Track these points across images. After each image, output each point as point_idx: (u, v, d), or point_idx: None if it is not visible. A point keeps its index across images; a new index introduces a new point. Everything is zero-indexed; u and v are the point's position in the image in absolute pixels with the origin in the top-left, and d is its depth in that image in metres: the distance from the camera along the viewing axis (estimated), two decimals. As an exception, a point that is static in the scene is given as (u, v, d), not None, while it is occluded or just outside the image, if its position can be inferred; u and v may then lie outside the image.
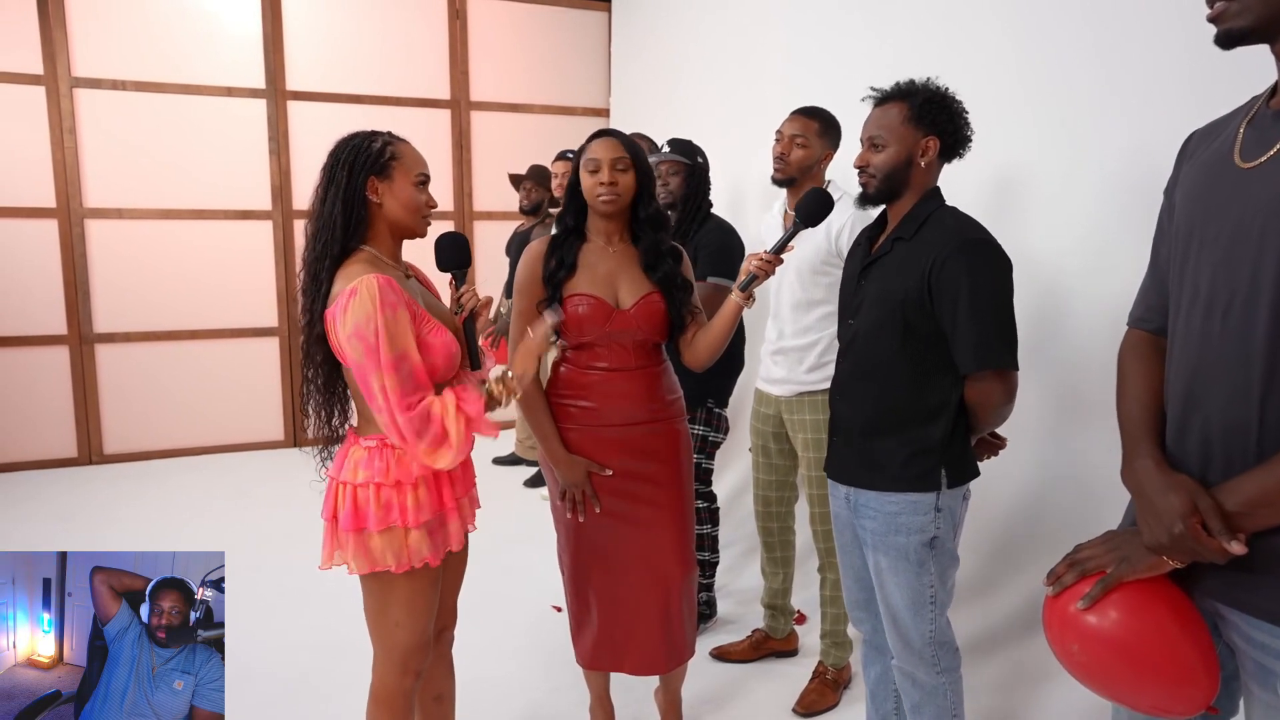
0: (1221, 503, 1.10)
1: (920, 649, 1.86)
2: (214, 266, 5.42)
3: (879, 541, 1.84)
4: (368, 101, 5.67)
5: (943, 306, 1.72)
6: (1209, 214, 1.17)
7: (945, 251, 1.71)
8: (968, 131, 1.84)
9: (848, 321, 1.92)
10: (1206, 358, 1.17)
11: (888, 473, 1.81)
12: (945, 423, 1.78)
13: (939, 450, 1.78)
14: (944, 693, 1.88)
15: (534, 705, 2.64)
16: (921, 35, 3.13)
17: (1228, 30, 1.11)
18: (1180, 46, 2.16)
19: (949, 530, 1.82)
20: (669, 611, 2.18)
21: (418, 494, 1.73)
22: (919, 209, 1.82)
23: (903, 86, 1.83)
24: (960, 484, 1.81)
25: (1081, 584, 1.22)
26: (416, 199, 1.78)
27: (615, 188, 2.04)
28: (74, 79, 5.01)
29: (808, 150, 2.53)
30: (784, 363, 2.65)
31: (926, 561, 1.81)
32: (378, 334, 1.62)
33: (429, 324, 1.74)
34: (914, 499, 1.79)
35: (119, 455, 5.35)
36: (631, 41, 5.97)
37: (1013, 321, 1.74)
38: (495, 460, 5.28)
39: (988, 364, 1.71)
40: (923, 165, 1.81)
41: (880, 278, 1.83)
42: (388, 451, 1.73)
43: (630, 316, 2.08)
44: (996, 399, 1.75)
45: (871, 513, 1.85)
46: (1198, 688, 1.15)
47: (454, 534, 1.82)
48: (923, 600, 1.83)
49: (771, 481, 2.82)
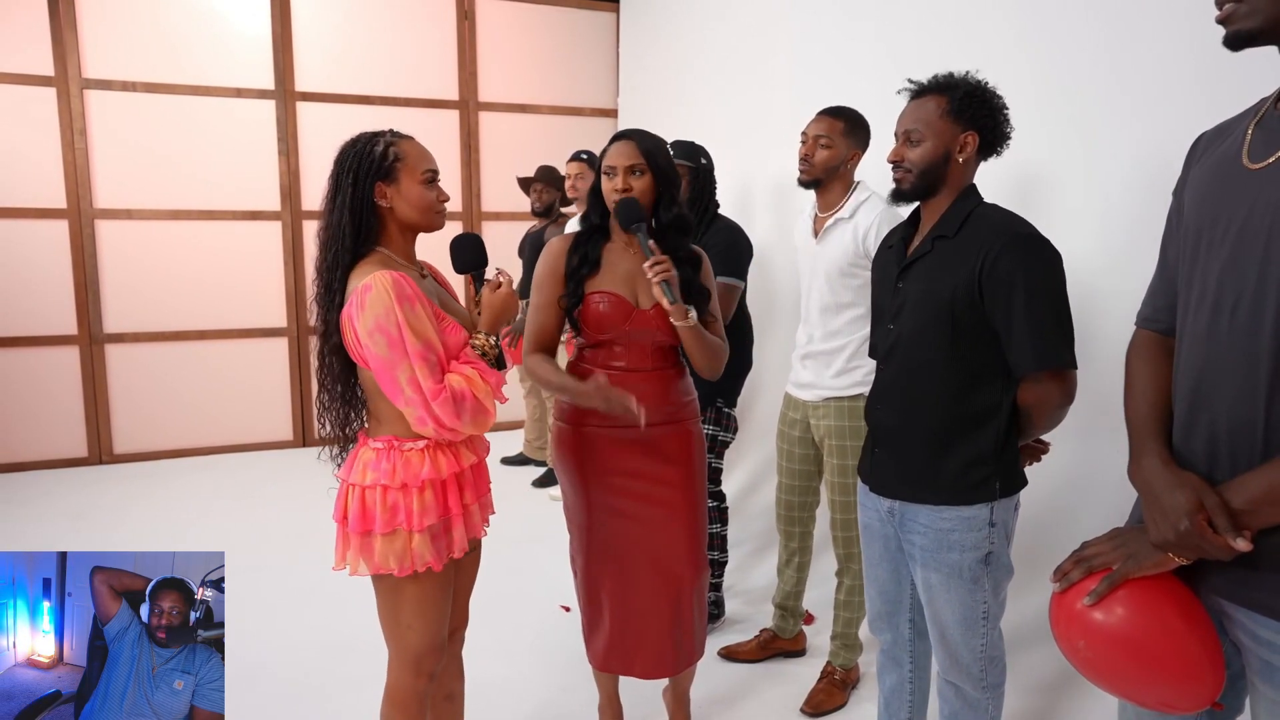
0: (1228, 500, 1.11)
1: (969, 664, 1.78)
2: (223, 267, 5.45)
3: (929, 558, 1.75)
4: (376, 102, 5.69)
5: (996, 304, 1.63)
6: (1217, 214, 1.17)
7: (997, 247, 1.62)
8: (1008, 128, 1.76)
9: (887, 326, 1.83)
10: (1214, 357, 1.17)
11: (938, 485, 1.72)
12: (997, 428, 1.69)
13: (993, 459, 1.69)
14: (986, 707, 1.81)
15: (543, 705, 2.65)
16: (928, 35, 3.13)
17: (1236, 32, 1.11)
18: (1190, 48, 2.15)
19: (1003, 544, 1.74)
20: (680, 613, 2.18)
21: (423, 497, 1.72)
22: (959, 206, 1.74)
23: (941, 79, 1.75)
24: (1013, 493, 1.74)
25: (1088, 580, 1.22)
26: (425, 197, 1.77)
27: (629, 194, 2.03)
28: (84, 80, 5.04)
29: (832, 150, 2.48)
30: (812, 366, 2.62)
31: (981, 579, 1.73)
32: (400, 326, 1.63)
33: (445, 321, 1.74)
34: (967, 515, 1.71)
35: (129, 455, 5.38)
36: (640, 42, 5.97)
37: (1070, 318, 1.65)
38: (504, 460, 5.28)
39: (1047, 364, 1.62)
40: (960, 161, 1.73)
41: (923, 278, 1.73)
42: (395, 454, 1.73)
43: (649, 317, 2.07)
44: (1055, 400, 1.66)
45: (921, 528, 1.76)
46: (1203, 684, 1.15)
47: (458, 540, 1.80)
48: (975, 617, 1.75)
49: (795, 486, 2.79)
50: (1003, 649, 1.83)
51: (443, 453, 1.77)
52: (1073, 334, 1.66)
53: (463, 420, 1.68)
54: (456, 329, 1.76)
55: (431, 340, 1.67)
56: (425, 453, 1.74)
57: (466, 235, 1.88)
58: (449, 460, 1.77)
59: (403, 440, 1.74)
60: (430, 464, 1.74)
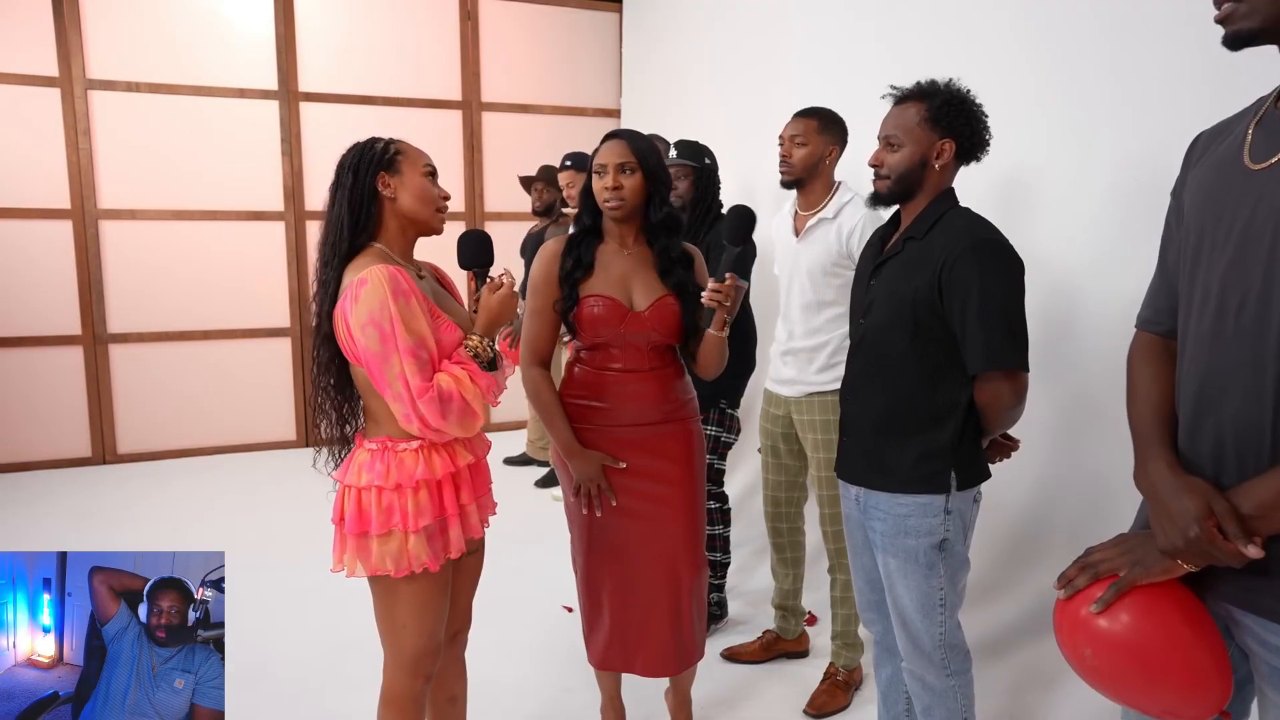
0: (1237, 505, 1.09)
1: (930, 651, 1.84)
2: (227, 267, 5.45)
3: (888, 543, 1.82)
4: (379, 103, 5.69)
5: (953, 306, 1.70)
6: (1219, 215, 1.16)
7: (956, 251, 1.69)
8: (986, 135, 1.81)
9: (858, 321, 1.90)
10: (1218, 359, 1.15)
11: (897, 474, 1.79)
12: (955, 424, 1.75)
13: (949, 452, 1.75)
14: (954, 695, 1.86)
15: (545, 705, 2.64)
16: (931, 36, 3.12)
17: (1236, 31, 1.10)
18: (1188, 48, 2.15)
19: (959, 533, 1.80)
20: (679, 612, 2.19)
21: (418, 498, 1.72)
22: (932, 209, 1.79)
23: (923, 86, 1.80)
24: (970, 486, 1.79)
25: (1093, 587, 1.21)
26: (428, 187, 1.78)
27: (620, 192, 2.04)
28: (89, 81, 5.04)
29: (809, 148, 2.53)
30: (794, 363, 2.64)
31: (936, 564, 1.79)
32: (393, 321, 1.62)
33: (440, 320, 1.73)
34: (923, 501, 1.77)
35: (133, 455, 5.38)
36: (642, 42, 5.96)
37: (1023, 322, 1.72)
38: (506, 460, 5.28)
39: (996, 364, 1.69)
40: (937, 168, 1.78)
41: (891, 277, 1.80)
42: (389, 454, 1.73)
43: (644, 318, 2.08)
44: (1005, 400, 1.72)
45: (881, 514, 1.83)
46: (1211, 692, 1.14)
47: (454, 541, 1.79)
48: (932, 603, 1.81)
49: (781, 482, 2.81)
50: (962, 638, 1.87)
51: (437, 453, 1.76)
52: (1025, 337, 1.71)
53: (448, 421, 1.67)
54: (452, 328, 1.75)
55: (425, 337, 1.66)
56: (419, 453, 1.73)
57: (476, 231, 1.89)
58: (444, 460, 1.76)
59: (396, 441, 1.74)
60: (424, 464, 1.73)
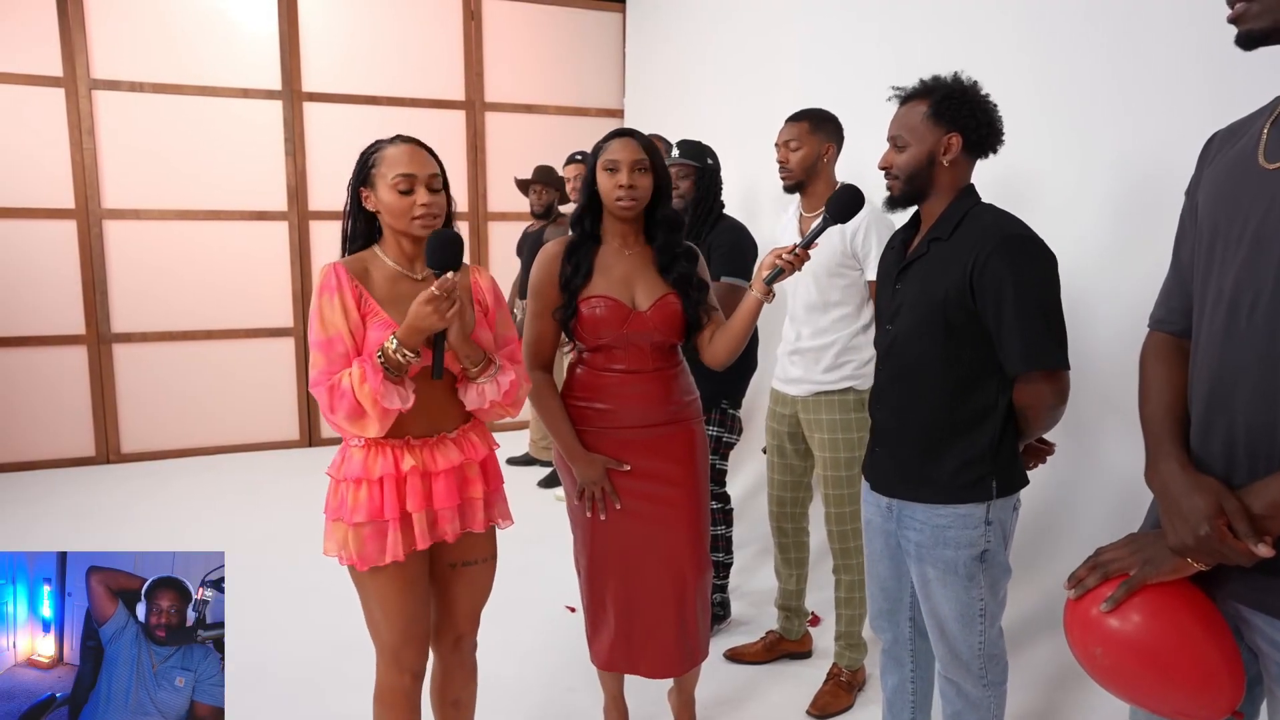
0: (1248, 504, 1.09)
1: (969, 661, 1.78)
2: (230, 267, 5.46)
3: (924, 553, 1.76)
4: (383, 103, 5.69)
5: (987, 306, 1.64)
6: (1233, 215, 1.16)
7: (987, 249, 1.63)
8: (997, 125, 1.76)
9: (885, 327, 1.85)
10: (1230, 359, 1.15)
11: (935, 484, 1.73)
12: (993, 429, 1.70)
13: (989, 459, 1.70)
14: (988, 706, 1.81)
15: (548, 706, 2.64)
16: (934, 37, 3.11)
17: (1249, 31, 1.10)
18: (1195, 47, 2.14)
19: (1000, 542, 1.75)
20: (684, 613, 2.18)
21: (358, 494, 1.75)
22: (954, 208, 1.75)
23: (926, 84, 1.77)
24: (1011, 493, 1.73)
25: (1104, 587, 1.20)
26: (397, 203, 1.76)
27: (634, 191, 2.03)
28: (93, 81, 5.05)
29: (804, 150, 2.53)
30: (800, 363, 2.63)
31: (976, 575, 1.73)
32: (313, 314, 1.73)
33: (378, 319, 1.74)
34: (963, 512, 1.71)
35: (136, 454, 5.39)
36: (646, 42, 5.96)
37: (1061, 318, 1.66)
38: (509, 461, 5.26)
39: (1037, 364, 1.63)
40: (946, 164, 1.74)
41: (918, 280, 1.75)
42: (347, 448, 1.80)
43: (647, 318, 2.07)
44: (1047, 401, 1.67)
45: (917, 524, 1.77)
46: (1222, 692, 1.13)
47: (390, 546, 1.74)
48: (972, 614, 1.75)
49: (787, 482, 2.80)
50: (1003, 648, 1.83)
51: (381, 453, 1.76)
52: (1064, 334, 1.66)
53: (336, 415, 1.69)
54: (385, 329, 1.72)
55: (339, 333, 1.70)
56: (364, 450, 1.77)
57: (445, 232, 1.76)
58: (384, 463, 1.75)
59: (351, 436, 1.78)
60: (364, 464, 1.75)
